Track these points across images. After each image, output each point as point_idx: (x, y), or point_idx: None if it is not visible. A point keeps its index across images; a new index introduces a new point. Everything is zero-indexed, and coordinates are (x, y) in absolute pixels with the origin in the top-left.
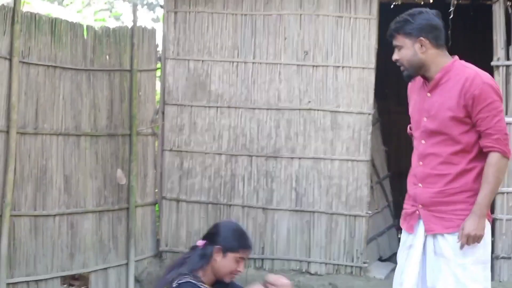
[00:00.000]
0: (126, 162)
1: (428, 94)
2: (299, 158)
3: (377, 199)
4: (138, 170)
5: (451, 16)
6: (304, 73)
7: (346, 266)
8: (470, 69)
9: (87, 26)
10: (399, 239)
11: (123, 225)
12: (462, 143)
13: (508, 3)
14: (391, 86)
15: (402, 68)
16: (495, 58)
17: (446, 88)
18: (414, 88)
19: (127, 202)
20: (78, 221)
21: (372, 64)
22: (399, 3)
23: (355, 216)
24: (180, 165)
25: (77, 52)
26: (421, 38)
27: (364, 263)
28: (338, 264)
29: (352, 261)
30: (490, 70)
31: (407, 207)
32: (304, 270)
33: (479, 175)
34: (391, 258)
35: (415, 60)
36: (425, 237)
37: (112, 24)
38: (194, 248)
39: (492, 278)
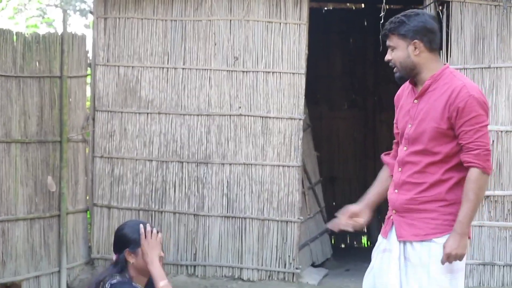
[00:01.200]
0: (57, 169)
1: (415, 101)
2: (230, 164)
3: (309, 204)
4: (69, 177)
5: (382, 20)
6: (235, 78)
7: (278, 272)
8: (458, 79)
9: (17, 33)
10: (332, 245)
11: (54, 233)
12: (441, 154)
13: (439, 7)
14: (323, 91)
15: (394, 69)
16: None
17: (433, 96)
18: (401, 96)
19: (59, 209)
20: (9, 228)
21: (303, 69)
22: (330, 8)
23: (287, 221)
24: (111, 172)
25: (6, 58)
26: (416, 40)
27: (297, 269)
28: (270, 270)
29: (285, 267)
30: None
31: (387, 212)
32: (236, 277)
33: (454, 185)
34: (324, 264)
35: (408, 62)
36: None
37: (44, 30)
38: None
39: None
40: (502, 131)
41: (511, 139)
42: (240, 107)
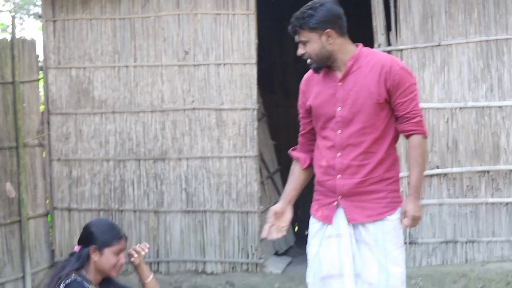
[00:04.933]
0: (15, 175)
1: (340, 83)
2: (187, 158)
3: (269, 193)
4: (27, 182)
5: None
6: (186, 72)
7: (242, 263)
8: (382, 54)
9: None
10: (295, 233)
11: (16, 238)
12: (379, 130)
13: None
14: (277, 79)
15: (310, 61)
16: (376, 44)
17: (360, 75)
18: (312, 81)
19: (19, 215)
20: None
21: (254, 59)
22: None
23: (247, 212)
24: (69, 174)
25: None
26: (328, 30)
27: (260, 258)
28: (233, 262)
29: (248, 257)
30: None
31: (321, 197)
32: (200, 270)
33: (393, 163)
34: (287, 252)
35: (324, 52)
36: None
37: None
38: (72, 254)
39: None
40: (456, 108)
41: (465, 115)
42: (193, 101)
